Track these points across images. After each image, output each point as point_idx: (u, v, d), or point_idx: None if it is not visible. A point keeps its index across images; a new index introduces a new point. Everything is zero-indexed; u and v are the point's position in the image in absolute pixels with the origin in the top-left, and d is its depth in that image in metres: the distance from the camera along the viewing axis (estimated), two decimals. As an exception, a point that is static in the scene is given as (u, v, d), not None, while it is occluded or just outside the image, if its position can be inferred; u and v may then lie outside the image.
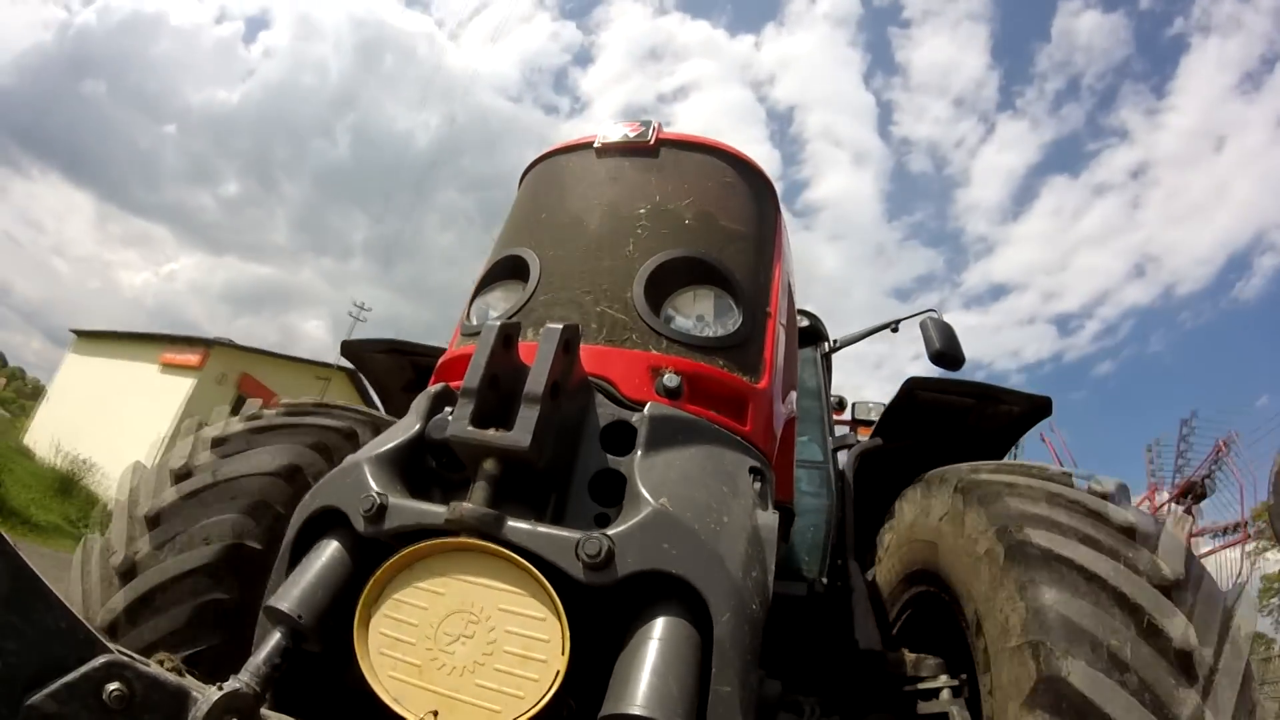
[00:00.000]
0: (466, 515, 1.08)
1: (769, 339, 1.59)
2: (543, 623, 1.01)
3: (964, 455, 1.80)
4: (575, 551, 1.04)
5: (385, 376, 2.63)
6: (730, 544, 1.12)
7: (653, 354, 1.41)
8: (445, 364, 1.59)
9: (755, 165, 1.83)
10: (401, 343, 2.55)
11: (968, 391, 2.23)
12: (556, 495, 1.23)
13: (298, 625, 1.08)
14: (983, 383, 2.22)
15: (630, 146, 1.74)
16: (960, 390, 2.25)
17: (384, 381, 2.64)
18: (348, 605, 1.11)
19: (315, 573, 1.15)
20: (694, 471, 1.24)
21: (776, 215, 1.86)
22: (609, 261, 1.53)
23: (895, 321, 3.97)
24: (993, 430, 2.27)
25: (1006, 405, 2.20)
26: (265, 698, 0.98)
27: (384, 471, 1.22)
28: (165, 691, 0.81)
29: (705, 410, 1.39)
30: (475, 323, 1.62)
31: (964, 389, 2.25)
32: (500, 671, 1.00)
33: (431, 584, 1.07)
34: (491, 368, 1.18)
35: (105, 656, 0.78)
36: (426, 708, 1.00)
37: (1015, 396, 2.19)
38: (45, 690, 0.74)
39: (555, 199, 1.73)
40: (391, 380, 2.61)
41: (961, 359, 3.01)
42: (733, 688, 0.99)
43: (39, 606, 0.75)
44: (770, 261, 1.73)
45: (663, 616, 1.04)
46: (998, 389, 2.19)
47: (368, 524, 1.14)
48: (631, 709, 0.93)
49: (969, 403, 2.21)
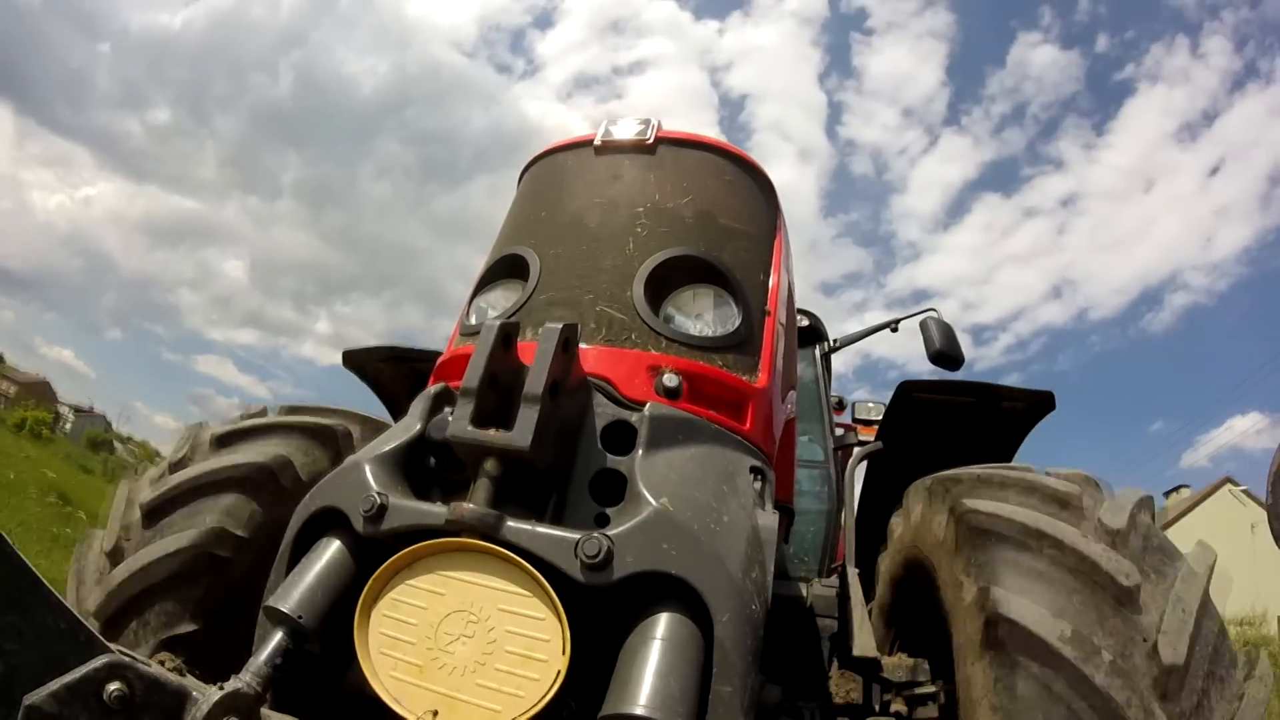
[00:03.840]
0: (467, 516, 1.08)
1: (768, 338, 1.59)
2: (543, 623, 1.01)
3: (970, 456, 1.78)
4: (575, 552, 1.04)
5: (389, 384, 2.62)
6: (730, 544, 1.12)
7: (652, 354, 1.41)
8: (445, 363, 1.59)
9: (755, 164, 1.82)
10: (402, 349, 2.54)
11: (966, 390, 2.20)
12: (556, 495, 1.23)
13: (298, 626, 1.08)
14: (980, 381, 2.19)
15: (630, 144, 1.73)
16: (958, 390, 2.22)
17: (388, 389, 2.63)
18: (348, 606, 1.11)
19: (315, 573, 1.15)
20: (694, 471, 1.24)
21: (777, 214, 1.85)
22: (609, 260, 1.53)
23: (895, 321, 3.95)
24: (997, 429, 2.23)
25: (1009, 403, 2.16)
26: (266, 697, 0.98)
27: (384, 472, 1.22)
28: (165, 691, 0.81)
29: (705, 410, 1.39)
30: (475, 322, 1.62)
31: (961, 388, 2.22)
32: (500, 671, 1.00)
33: (432, 584, 1.07)
34: (491, 367, 1.18)
35: (106, 657, 0.78)
36: (427, 707, 1.00)
37: (1016, 393, 2.15)
38: (46, 690, 0.74)
39: (555, 197, 1.73)
40: (396, 387, 2.60)
41: (961, 359, 3.00)
42: (733, 688, 0.99)
43: (39, 607, 0.75)
44: (770, 261, 1.73)
45: (663, 616, 1.04)
46: (996, 386, 2.15)
47: (367, 524, 1.14)
48: (633, 709, 0.93)
49: (969, 402, 2.18)
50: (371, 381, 2.64)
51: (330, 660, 1.15)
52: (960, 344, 3.02)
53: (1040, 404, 2.17)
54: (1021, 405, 2.17)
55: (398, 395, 2.59)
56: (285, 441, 1.81)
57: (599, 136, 1.75)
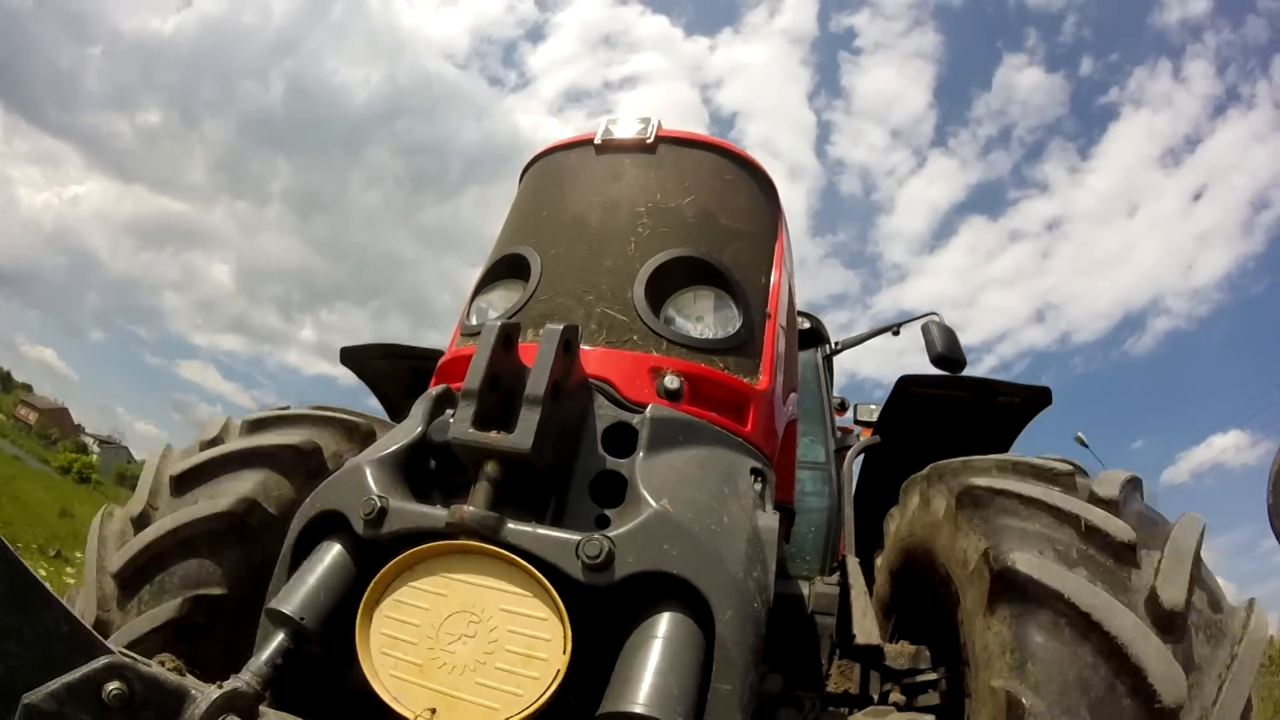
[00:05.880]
0: (467, 518, 1.08)
1: (769, 340, 1.59)
2: (544, 622, 1.01)
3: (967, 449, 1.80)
4: (576, 553, 1.04)
5: (386, 382, 2.64)
6: (731, 544, 1.12)
7: (654, 356, 1.41)
8: (445, 364, 1.59)
9: (756, 163, 1.82)
10: (399, 346, 2.56)
11: (963, 385, 2.23)
12: (557, 496, 1.23)
13: (300, 627, 1.08)
14: (978, 376, 2.21)
15: (630, 144, 1.72)
16: (956, 385, 2.24)
17: (385, 387, 2.65)
18: (349, 608, 1.11)
19: (317, 575, 1.15)
20: (695, 473, 1.24)
21: (778, 214, 1.85)
22: (610, 261, 1.53)
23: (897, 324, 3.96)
24: (994, 423, 2.26)
25: (1005, 397, 2.19)
26: (265, 697, 0.98)
27: (385, 474, 1.22)
28: (165, 691, 0.81)
29: (706, 412, 1.39)
30: (475, 322, 1.62)
31: (958, 384, 2.24)
32: (501, 670, 1.00)
33: (433, 585, 1.07)
34: (492, 369, 1.18)
35: (106, 657, 0.78)
36: (425, 706, 1.00)
37: (1012, 388, 2.19)
38: (45, 690, 0.74)
39: (555, 197, 1.73)
40: (392, 385, 2.61)
41: (963, 362, 3.01)
42: (733, 686, 0.99)
43: (39, 609, 0.76)
44: (771, 262, 1.73)
45: (663, 616, 1.04)
46: (993, 381, 2.20)
47: (368, 527, 1.14)
48: (633, 707, 0.93)
49: (966, 397, 2.21)
50: (368, 379, 2.67)
51: (331, 661, 1.16)
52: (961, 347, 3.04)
53: (1036, 399, 2.21)
54: (1018, 400, 2.21)
55: (394, 393, 2.62)
56: (316, 429, 1.87)
57: (599, 135, 1.74)
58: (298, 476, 1.72)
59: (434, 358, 1.87)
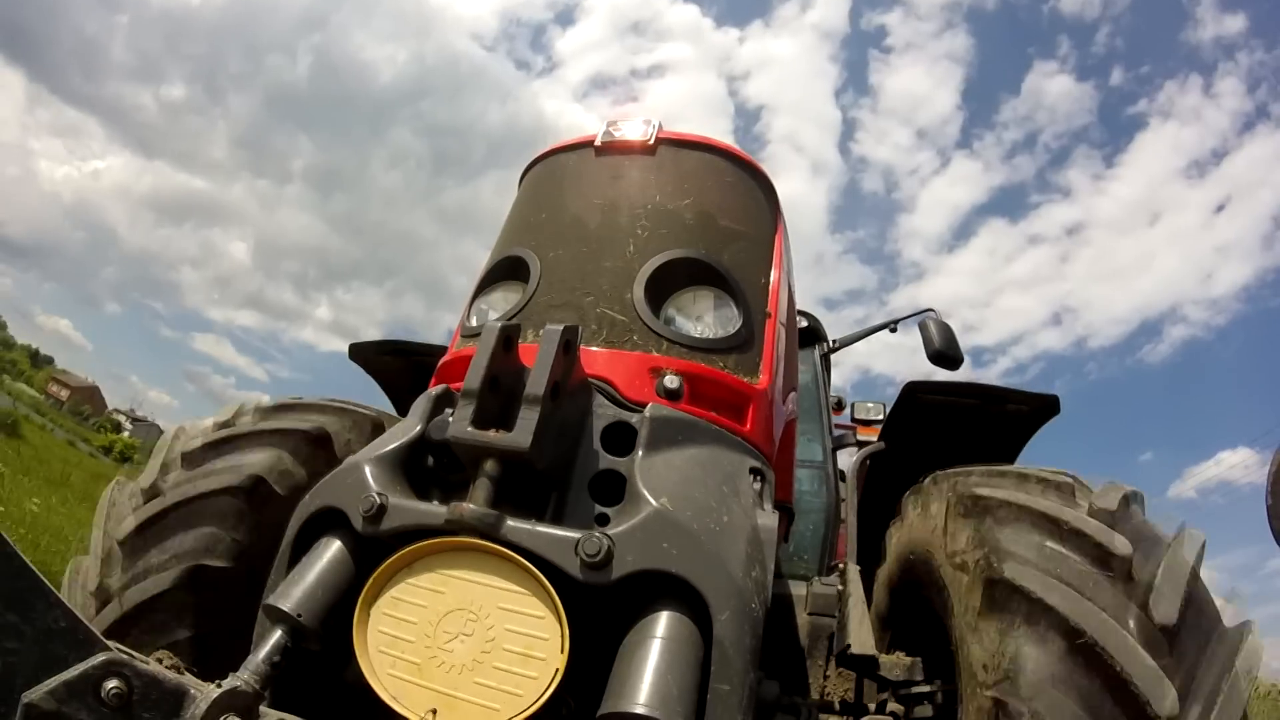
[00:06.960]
0: (466, 515, 1.08)
1: (769, 340, 1.60)
2: (542, 621, 1.01)
3: (974, 457, 1.80)
4: (575, 551, 1.04)
5: (393, 378, 2.67)
6: (730, 544, 1.12)
7: (653, 355, 1.41)
8: (446, 365, 1.59)
9: (756, 165, 1.83)
10: (404, 343, 2.58)
11: (971, 392, 2.21)
12: (556, 495, 1.24)
13: (298, 624, 1.08)
14: (986, 384, 2.20)
15: (630, 145, 1.73)
16: (963, 392, 2.23)
17: (392, 383, 2.68)
18: (347, 605, 1.11)
19: (315, 573, 1.15)
20: (694, 472, 1.24)
21: (777, 215, 1.86)
22: (609, 262, 1.53)
23: (894, 321, 3.97)
24: (1001, 431, 2.24)
25: (1014, 405, 2.17)
26: (264, 695, 0.98)
27: (384, 472, 1.23)
28: (164, 689, 0.81)
29: (705, 411, 1.39)
30: (475, 324, 1.62)
31: (966, 390, 2.22)
32: (499, 669, 1.00)
33: (431, 583, 1.07)
34: (492, 369, 1.18)
35: (104, 654, 0.78)
36: (425, 706, 1.00)
37: (1021, 396, 2.16)
38: (44, 688, 0.74)
39: (555, 199, 1.73)
40: (398, 380, 2.64)
41: (960, 359, 3.01)
42: (732, 686, 0.99)
43: (39, 605, 0.75)
44: (770, 262, 1.73)
45: (662, 615, 1.04)
46: (1002, 389, 2.16)
47: (367, 524, 1.14)
48: (632, 707, 0.93)
49: (974, 404, 2.19)
50: (375, 374, 2.69)
51: (329, 659, 1.16)
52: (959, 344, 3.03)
53: (1045, 407, 2.18)
54: (1026, 408, 2.18)
55: (400, 388, 2.64)
56: (327, 417, 1.91)
57: (600, 137, 1.75)
58: (307, 460, 1.76)
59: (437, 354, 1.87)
